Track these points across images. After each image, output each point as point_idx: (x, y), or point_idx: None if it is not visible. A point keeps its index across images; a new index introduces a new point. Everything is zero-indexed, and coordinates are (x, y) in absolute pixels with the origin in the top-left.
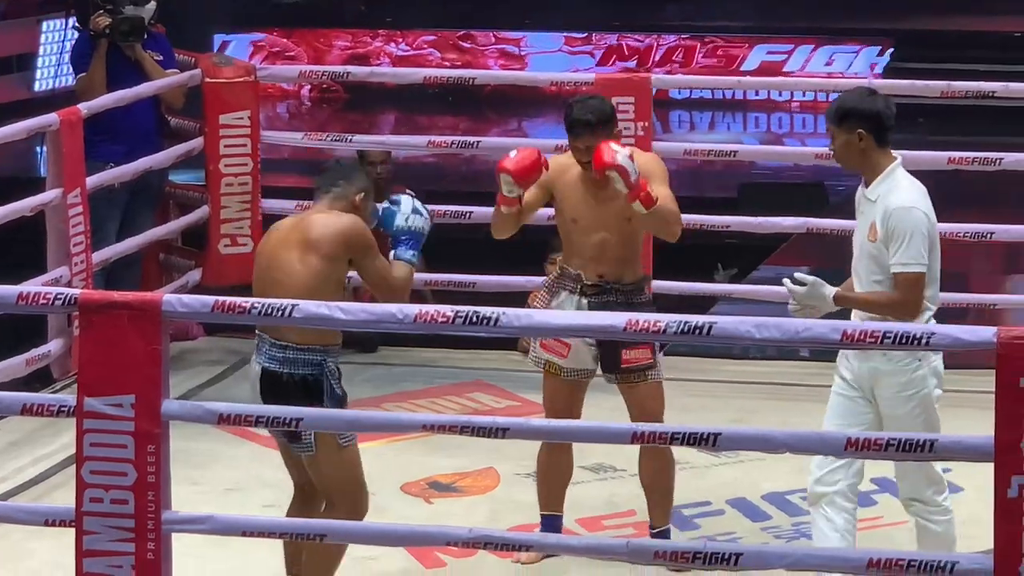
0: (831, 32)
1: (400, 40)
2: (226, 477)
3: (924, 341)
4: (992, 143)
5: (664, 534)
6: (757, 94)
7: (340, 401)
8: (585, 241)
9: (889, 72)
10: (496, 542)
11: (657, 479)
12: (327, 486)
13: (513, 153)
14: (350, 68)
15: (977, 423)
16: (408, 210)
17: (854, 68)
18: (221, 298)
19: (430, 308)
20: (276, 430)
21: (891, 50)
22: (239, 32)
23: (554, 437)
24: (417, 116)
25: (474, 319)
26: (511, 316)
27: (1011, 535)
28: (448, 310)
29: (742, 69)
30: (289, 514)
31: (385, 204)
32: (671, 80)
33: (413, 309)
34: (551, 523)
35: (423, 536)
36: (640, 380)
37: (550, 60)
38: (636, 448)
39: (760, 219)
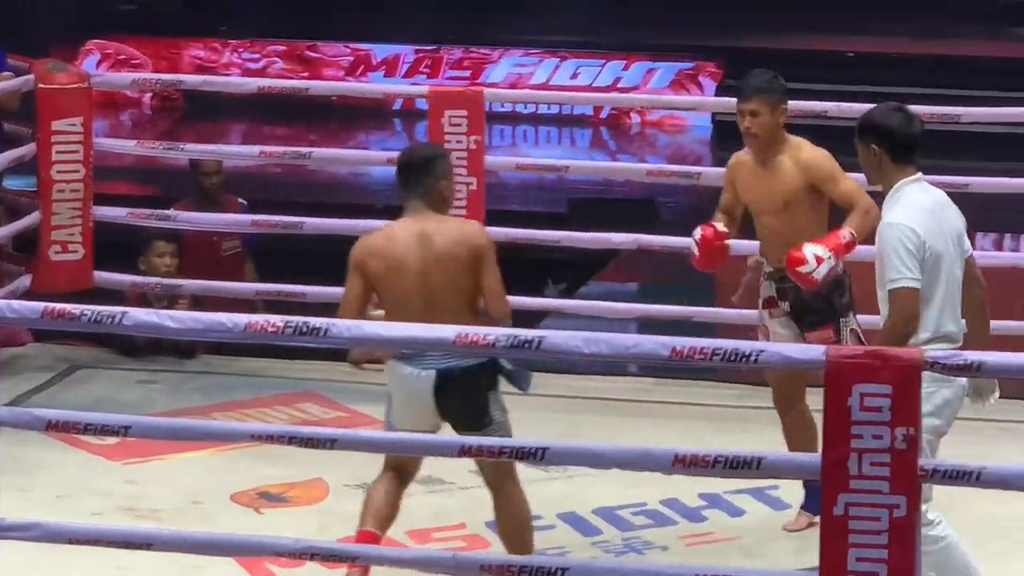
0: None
1: (245, 51)
2: (55, 484)
3: (753, 359)
4: None
5: None
6: (503, 106)
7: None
8: (760, 225)
9: (721, 91)
10: (323, 553)
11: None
12: (506, 473)
13: (695, 245)
14: (183, 76)
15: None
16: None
17: (599, 81)
18: (51, 304)
19: (260, 318)
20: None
21: (637, 64)
22: (83, 39)
23: (382, 450)
24: (265, 126)
25: (304, 330)
26: (341, 327)
27: (837, 552)
28: (278, 320)
29: (489, 80)
30: (376, 487)
31: (510, 369)
32: (504, 95)
33: (243, 319)
34: None
35: (251, 546)
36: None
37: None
38: (466, 461)
39: (591, 235)
